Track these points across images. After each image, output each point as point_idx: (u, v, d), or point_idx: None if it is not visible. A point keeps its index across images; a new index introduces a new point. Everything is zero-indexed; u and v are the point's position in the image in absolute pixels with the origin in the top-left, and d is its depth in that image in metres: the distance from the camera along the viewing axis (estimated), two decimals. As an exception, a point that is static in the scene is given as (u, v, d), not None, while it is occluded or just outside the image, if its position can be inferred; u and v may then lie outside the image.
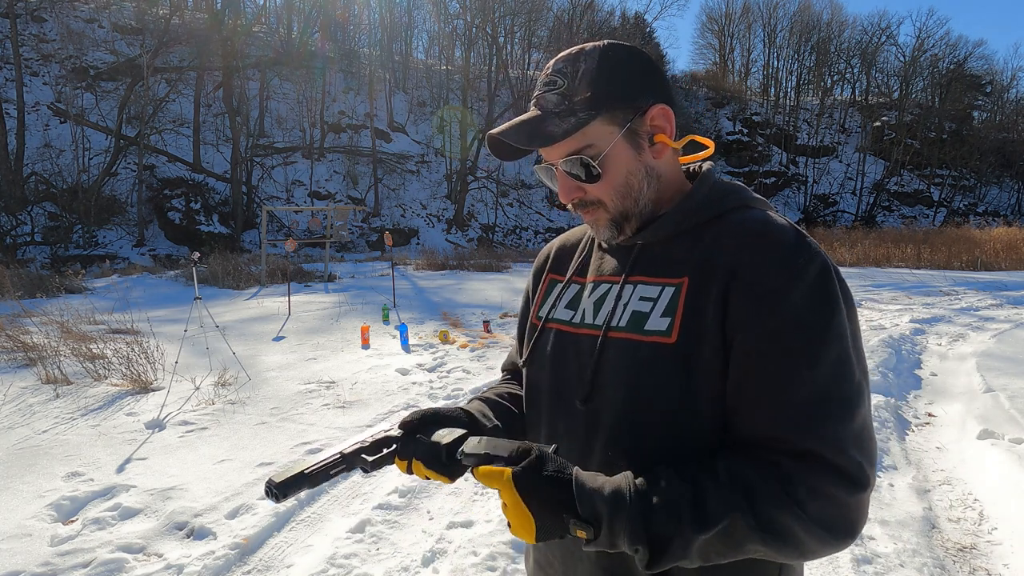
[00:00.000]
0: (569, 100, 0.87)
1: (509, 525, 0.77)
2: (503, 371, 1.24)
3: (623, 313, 0.90)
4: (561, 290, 1.02)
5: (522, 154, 0.97)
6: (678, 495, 0.74)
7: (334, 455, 0.91)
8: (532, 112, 0.90)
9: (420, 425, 0.91)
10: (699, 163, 0.99)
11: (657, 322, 0.85)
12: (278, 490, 0.83)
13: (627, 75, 0.89)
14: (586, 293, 0.97)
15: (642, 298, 0.89)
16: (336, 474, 0.89)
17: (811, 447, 0.74)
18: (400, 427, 0.92)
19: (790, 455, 0.74)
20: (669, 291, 0.86)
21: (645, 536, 0.73)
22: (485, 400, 1.08)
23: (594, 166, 0.88)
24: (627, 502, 0.74)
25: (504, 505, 0.77)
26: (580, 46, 0.91)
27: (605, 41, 0.91)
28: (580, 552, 0.89)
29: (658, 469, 0.78)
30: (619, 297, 0.91)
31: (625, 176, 0.90)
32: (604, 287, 0.95)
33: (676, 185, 0.94)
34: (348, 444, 0.91)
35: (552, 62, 0.92)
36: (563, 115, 0.87)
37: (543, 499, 0.75)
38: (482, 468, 0.79)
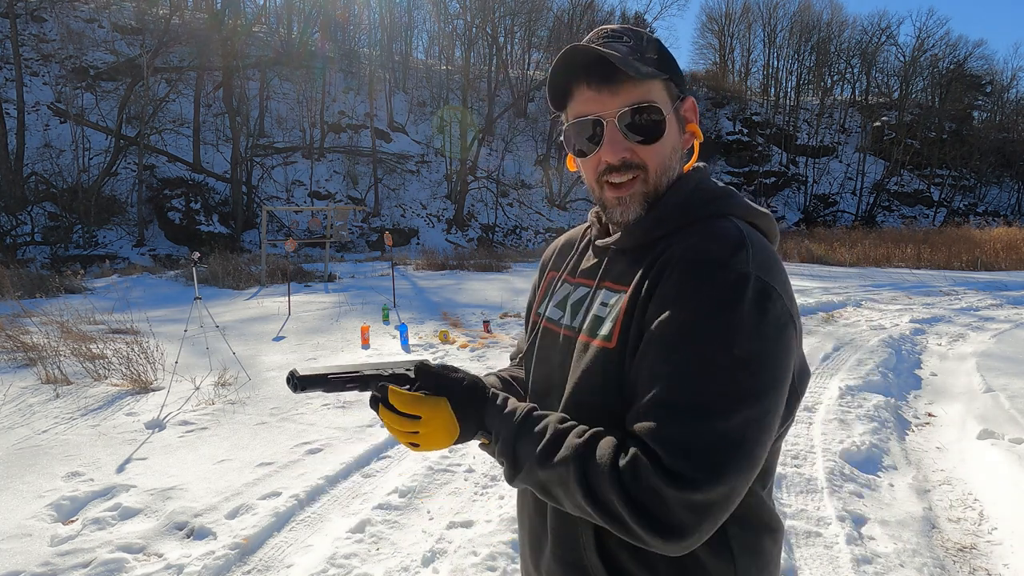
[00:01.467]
0: (640, 54, 0.88)
1: (415, 441, 0.89)
2: (511, 359, 1.28)
3: (586, 317, 0.94)
4: (556, 288, 1.07)
5: (562, 104, 0.95)
6: (543, 434, 0.84)
7: (354, 371, 0.94)
8: (606, 50, 0.86)
9: (436, 372, 0.93)
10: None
11: (605, 327, 0.89)
12: (299, 381, 0.90)
13: (674, 63, 0.93)
14: (571, 295, 1.02)
15: (602, 303, 0.93)
16: (351, 389, 0.94)
17: (650, 442, 0.75)
18: (417, 369, 0.94)
19: (638, 442, 0.77)
20: (622, 298, 0.89)
21: (509, 454, 0.86)
22: (499, 377, 1.16)
23: (662, 122, 0.88)
24: (512, 426, 0.87)
25: (415, 419, 0.87)
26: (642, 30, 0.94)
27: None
28: (542, 542, 0.99)
29: (554, 414, 0.88)
30: (592, 301, 0.95)
31: (671, 148, 0.91)
32: (583, 290, 0.99)
33: (682, 180, 0.95)
34: (369, 366, 0.95)
35: (602, 28, 0.93)
36: (640, 61, 0.87)
37: (470, 416, 0.90)
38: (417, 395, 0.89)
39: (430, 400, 0.88)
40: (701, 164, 0.99)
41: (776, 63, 42.79)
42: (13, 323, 7.47)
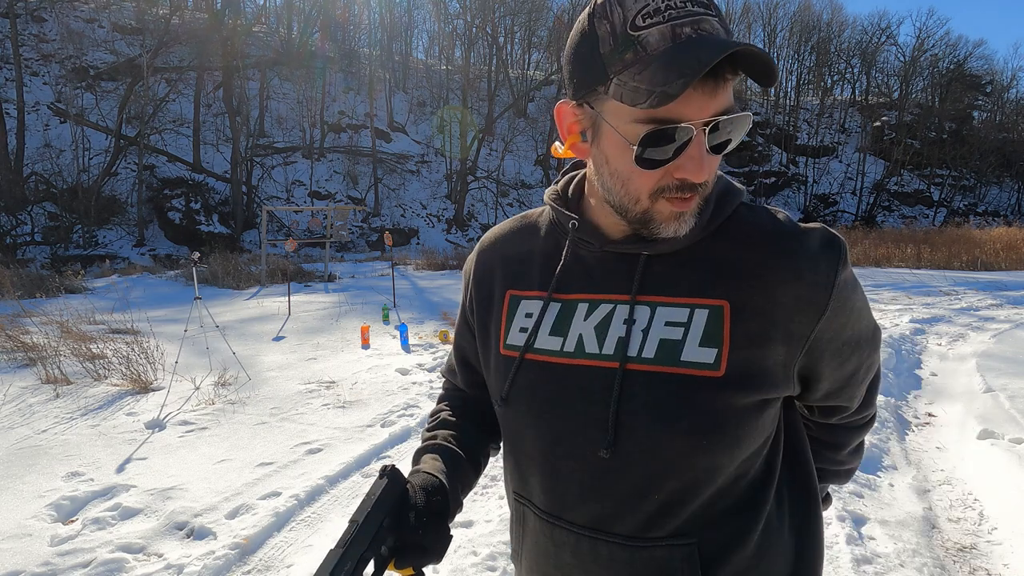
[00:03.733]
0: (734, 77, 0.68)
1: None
2: (440, 401, 1.04)
3: (644, 341, 0.75)
4: (541, 311, 0.83)
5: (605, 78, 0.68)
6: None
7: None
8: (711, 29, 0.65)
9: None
10: None
11: (696, 352, 0.73)
12: None
13: None
14: (579, 315, 0.80)
15: (668, 323, 0.75)
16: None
17: (852, 416, 0.95)
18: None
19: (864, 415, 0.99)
20: (703, 314, 0.74)
21: None
22: (439, 452, 0.90)
23: (741, 128, 0.71)
24: None
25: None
26: None
27: None
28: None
29: None
30: (632, 321, 0.76)
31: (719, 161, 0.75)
32: (606, 307, 0.79)
33: None
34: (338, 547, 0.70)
35: None
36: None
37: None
38: None
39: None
40: None
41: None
42: (13, 323, 7.47)
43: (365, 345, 7.23)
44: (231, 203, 23.91)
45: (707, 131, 0.67)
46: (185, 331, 5.95)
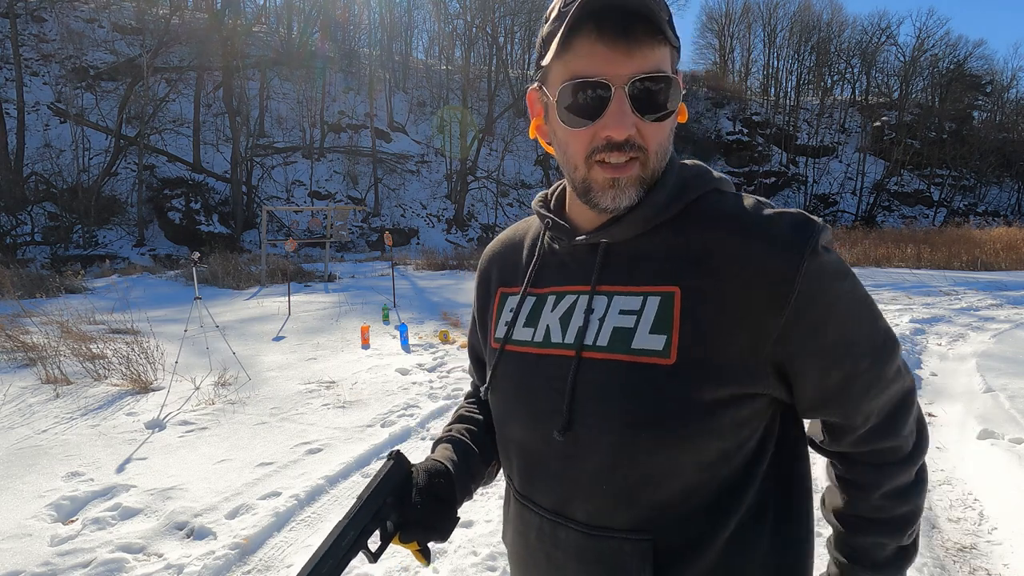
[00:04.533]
0: (660, 11, 0.70)
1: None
2: (466, 399, 1.10)
3: (600, 329, 0.77)
4: (517, 305, 0.88)
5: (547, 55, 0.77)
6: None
7: (331, 544, 0.75)
8: None
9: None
10: None
11: (647, 339, 0.74)
12: None
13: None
14: (547, 307, 0.84)
15: (622, 311, 0.76)
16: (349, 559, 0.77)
17: (910, 428, 0.85)
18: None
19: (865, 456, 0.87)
20: (655, 301, 0.74)
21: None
22: (452, 439, 0.97)
23: (675, 98, 0.73)
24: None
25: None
26: None
27: None
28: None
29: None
30: (590, 310, 0.79)
31: (669, 129, 0.76)
32: (570, 298, 0.82)
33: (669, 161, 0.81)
34: (338, 528, 0.77)
35: None
36: (662, 13, 0.70)
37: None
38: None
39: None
40: None
41: (776, 63, 42.80)
42: (13, 323, 7.47)
43: (365, 345, 7.23)
44: (231, 203, 23.91)
45: (627, 89, 0.70)
46: (185, 331, 5.96)
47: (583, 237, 0.81)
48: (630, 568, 0.75)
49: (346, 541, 0.75)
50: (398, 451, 0.84)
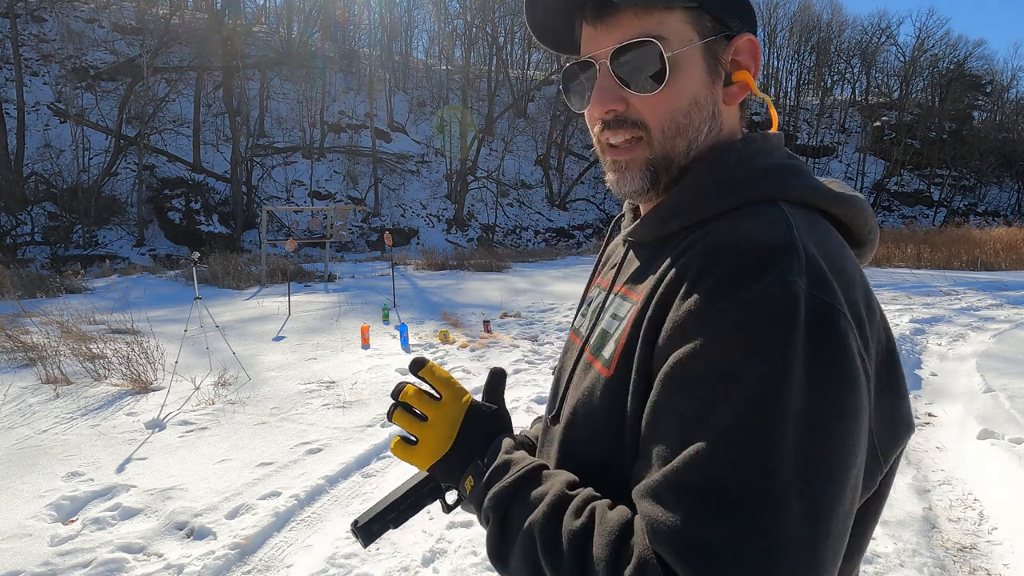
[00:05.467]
0: None
1: (410, 441, 0.76)
2: None
3: (595, 329, 0.76)
4: (582, 295, 0.90)
5: (567, 45, 0.76)
6: (538, 501, 0.64)
7: (408, 490, 0.82)
8: None
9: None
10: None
11: (608, 347, 0.70)
12: (361, 533, 0.80)
13: None
14: (591, 300, 0.85)
15: (613, 315, 0.73)
16: (413, 511, 0.82)
17: (664, 550, 0.52)
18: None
19: (647, 536, 0.55)
20: (631, 311, 0.68)
21: (499, 516, 0.68)
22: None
23: (660, 62, 0.65)
24: (508, 481, 0.68)
25: (418, 420, 0.77)
26: None
27: None
28: None
29: (562, 475, 0.67)
30: (605, 308, 0.77)
31: (690, 99, 0.68)
32: (601, 296, 0.80)
33: (718, 151, 0.71)
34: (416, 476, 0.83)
35: None
36: None
37: (475, 435, 0.76)
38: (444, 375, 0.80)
39: (448, 405, 0.77)
40: (767, 133, 0.74)
41: (776, 63, 42.76)
42: (13, 323, 7.47)
43: (365, 345, 7.23)
44: (231, 203, 23.90)
45: (610, 64, 0.67)
46: (185, 331, 5.96)
47: (620, 235, 0.82)
48: None
49: (427, 488, 0.80)
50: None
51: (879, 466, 0.62)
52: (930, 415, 4.86)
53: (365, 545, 0.80)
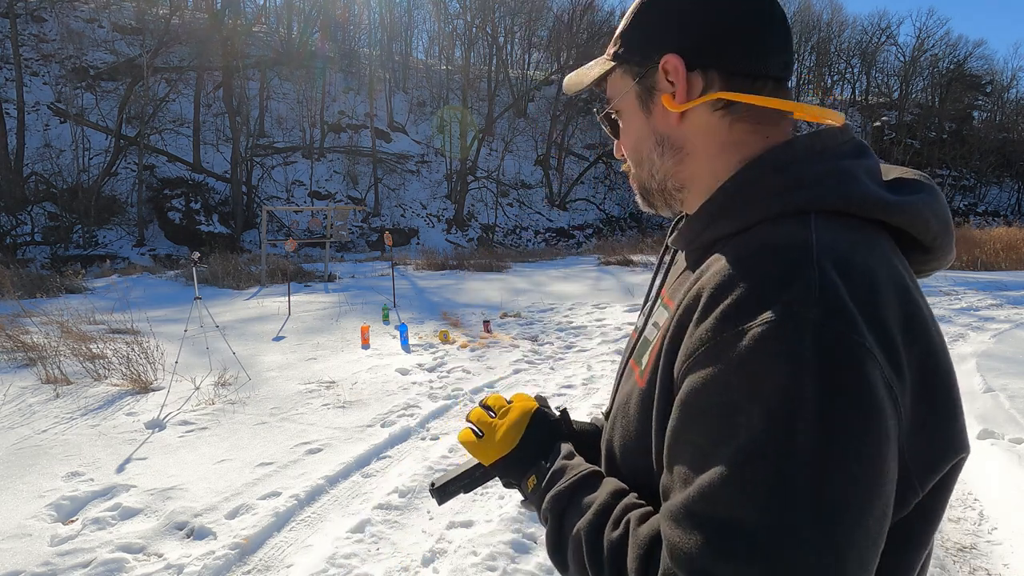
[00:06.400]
0: (613, 46, 0.78)
1: (478, 435, 0.85)
2: None
3: (642, 335, 0.78)
4: (652, 282, 0.89)
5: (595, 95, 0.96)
6: (586, 510, 0.69)
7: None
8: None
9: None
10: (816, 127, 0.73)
11: (645, 357, 0.71)
12: (438, 494, 0.90)
13: (653, 18, 0.72)
14: (650, 298, 0.86)
15: (654, 323, 0.74)
16: (488, 477, 0.90)
17: (677, 565, 0.54)
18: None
19: (672, 560, 0.56)
20: (665, 324, 0.69)
21: (557, 520, 0.73)
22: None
23: (613, 119, 0.81)
24: (564, 487, 0.74)
25: (488, 417, 0.86)
26: None
27: None
28: None
29: (609, 483, 0.72)
30: (651, 314, 0.79)
31: (634, 139, 0.77)
32: (651, 301, 0.82)
33: (720, 166, 0.71)
34: None
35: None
36: (600, 62, 0.80)
37: (538, 439, 0.83)
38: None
39: (515, 411, 0.85)
40: (819, 131, 0.71)
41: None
42: (13, 323, 7.47)
43: (365, 345, 7.23)
44: (231, 203, 23.90)
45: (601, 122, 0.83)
46: (185, 331, 5.96)
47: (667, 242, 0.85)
48: None
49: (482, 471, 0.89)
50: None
51: (913, 492, 0.60)
52: (930, 415, 4.87)
53: (440, 503, 0.91)
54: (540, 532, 3.04)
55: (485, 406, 0.88)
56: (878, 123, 39.00)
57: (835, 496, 0.51)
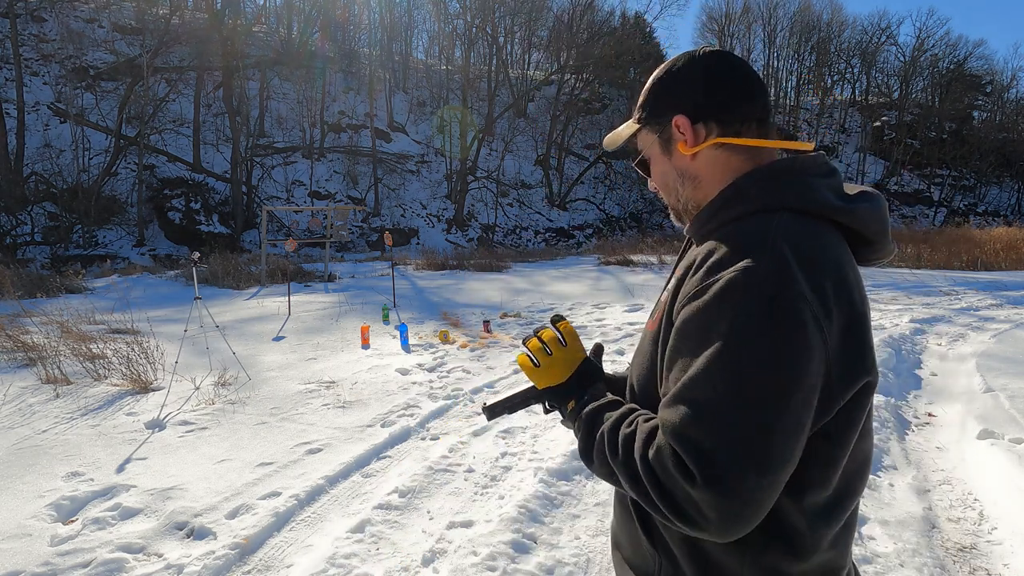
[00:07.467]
0: (637, 113, 1.08)
1: (535, 364, 1.10)
2: None
3: (656, 303, 1.06)
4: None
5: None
6: (607, 420, 0.96)
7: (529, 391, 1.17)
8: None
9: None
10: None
11: (656, 310, 1.01)
12: (488, 410, 1.18)
13: (663, 91, 1.03)
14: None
15: (666, 290, 1.02)
16: (532, 402, 1.17)
17: (668, 438, 0.82)
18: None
19: (663, 432, 0.84)
20: (672, 284, 1.00)
21: (586, 430, 0.99)
22: None
23: (645, 161, 1.10)
24: (595, 405, 1.01)
25: (545, 354, 1.10)
26: (672, 59, 1.06)
27: (699, 51, 1.02)
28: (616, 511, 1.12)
29: (630, 405, 1.00)
30: (665, 289, 1.04)
31: (661, 176, 1.07)
32: (669, 277, 1.10)
33: (719, 185, 0.99)
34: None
35: None
36: (628, 125, 1.11)
37: (581, 377, 1.09)
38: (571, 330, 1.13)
39: (569, 353, 1.10)
40: (799, 156, 0.96)
41: (776, 63, 42.77)
42: (13, 323, 7.47)
43: (365, 345, 7.23)
44: (231, 203, 23.90)
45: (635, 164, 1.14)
46: (185, 331, 5.96)
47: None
48: (624, 500, 1.05)
49: (535, 394, 1.15)
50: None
51: (836, 401, 0.85)
52: (930, 415, 4.87)
53: (489, 419, 1.18)
54: (540, 532, 3.05)
55: (541, 340, 1.11)
56: (878, 123, 38.99)
57: (771, 384, 0.78)
